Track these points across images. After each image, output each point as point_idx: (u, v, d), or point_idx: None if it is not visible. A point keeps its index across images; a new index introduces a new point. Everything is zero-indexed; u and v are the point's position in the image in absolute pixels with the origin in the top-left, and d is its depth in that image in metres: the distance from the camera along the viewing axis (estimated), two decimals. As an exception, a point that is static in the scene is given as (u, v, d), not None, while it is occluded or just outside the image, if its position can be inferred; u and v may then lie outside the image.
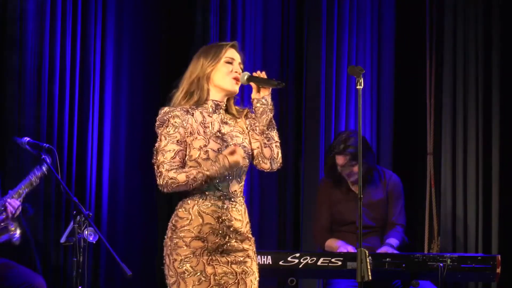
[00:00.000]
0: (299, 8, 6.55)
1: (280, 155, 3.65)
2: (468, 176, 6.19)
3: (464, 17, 6.31)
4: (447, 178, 6.27)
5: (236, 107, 3.71)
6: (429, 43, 6.36)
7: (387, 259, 4.89)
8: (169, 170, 3.49)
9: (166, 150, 3.52)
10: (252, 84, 3.63)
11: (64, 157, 5.85)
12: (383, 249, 5.20)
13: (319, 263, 4.88)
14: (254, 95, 3.65)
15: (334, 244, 5.31)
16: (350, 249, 5.15)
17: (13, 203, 4.94)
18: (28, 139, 4.97)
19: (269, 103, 3.63)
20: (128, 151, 6.20)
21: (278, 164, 3.66)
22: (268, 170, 3.66)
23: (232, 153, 3.49)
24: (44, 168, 5.03)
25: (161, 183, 3.52)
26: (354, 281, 4.26)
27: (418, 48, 6.43)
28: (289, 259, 4.90)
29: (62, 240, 4.70)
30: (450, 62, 6.32)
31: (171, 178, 3.49)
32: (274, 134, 3.64)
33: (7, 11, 5.76)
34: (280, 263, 4.85)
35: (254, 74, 3.63)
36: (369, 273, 3.74)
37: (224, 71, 3.62)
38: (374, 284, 5.09)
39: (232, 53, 3.67)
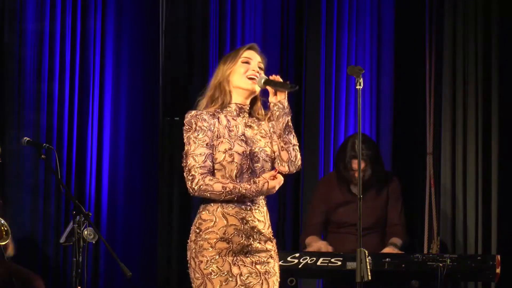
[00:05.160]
0: (299, 8, 6.54)
1: (298, 157, 3.66)
2: (468, 176, 6.18)
3: (463, 17, 6.30)
4: (446, 178, 6.26)
5: (261, 111, 3.72)
6: (429, 43, 6.35)
7: (387, 259, 4.88)
8: (204, 176, 3.51)
9: (197, 153, 3.53)
10: (269, 88, 3.64)
11: (64, 157, 5.85)
12: (387, 250, 5.19)
13: (318, 263, 4.88)
14: (271, 98, 3.67)
15: (312, 242, 5.31)
16: (323, 246, 5.16)
17: None
18: (27, 139, 4.97)
19: (285, 107, 3.66)
20: (128, 151, 6.19)
21: (297, 167, 3.67)
22: (287, 173, 3.66)
23: (273, 178, 3.53)
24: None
25: (193, 187, 3.52)
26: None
27: (418, 48, 6.42)
28: (288, 259, 4.90)
29: (62, 240, 4.70)
30: (450, 62, 6.30)
31: (207, 185, 3.50)
32: (292, 138, 3.65)
33: (7, 11, 5.75)
34: (280, 263, 4.82)
35: (270, 77, 3.64)
36: (369, 273, 3.74)
37: (241, 71, 3.65)
38: (374, 284, 5.11)
39: (249, 54, 3.70)
